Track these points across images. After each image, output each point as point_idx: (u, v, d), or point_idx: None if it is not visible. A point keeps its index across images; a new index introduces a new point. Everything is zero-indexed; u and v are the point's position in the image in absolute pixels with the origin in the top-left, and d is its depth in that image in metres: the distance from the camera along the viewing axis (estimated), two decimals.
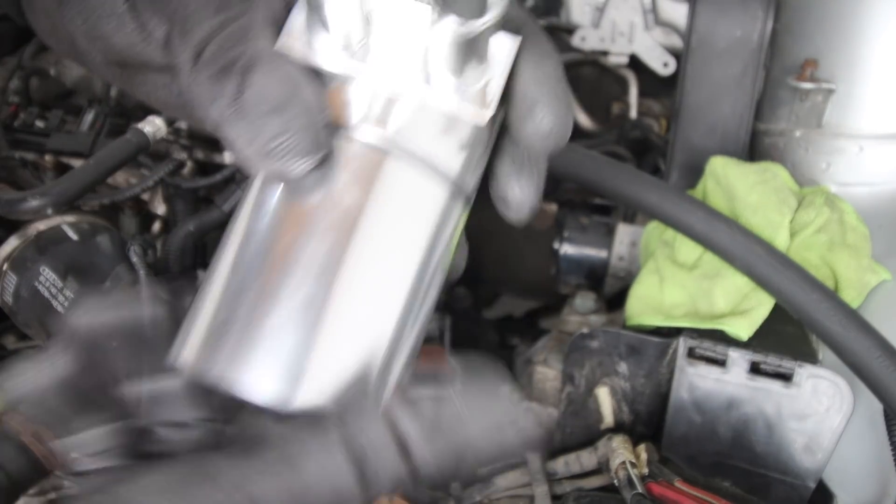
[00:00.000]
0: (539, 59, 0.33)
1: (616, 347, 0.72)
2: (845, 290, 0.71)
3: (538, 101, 0.33)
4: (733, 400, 0.67)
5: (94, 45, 0.36)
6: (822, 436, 0.65)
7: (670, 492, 0.62)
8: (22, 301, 0.70)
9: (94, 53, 0.37)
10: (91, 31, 0.36)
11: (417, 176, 0.33)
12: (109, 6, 0.34)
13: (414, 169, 0.33)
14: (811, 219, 0.74)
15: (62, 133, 0.95)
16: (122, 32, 0.35)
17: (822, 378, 0.64)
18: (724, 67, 0.88)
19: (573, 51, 1.27)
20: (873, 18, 0.79)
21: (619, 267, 0.96)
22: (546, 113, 0.33)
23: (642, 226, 0.92)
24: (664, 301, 0.74)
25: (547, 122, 0.33)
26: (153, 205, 0.95)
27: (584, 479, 0.71)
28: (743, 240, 0.69)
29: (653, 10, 1.18)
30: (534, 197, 0.37)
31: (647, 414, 0.73)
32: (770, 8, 0.85)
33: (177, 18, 0.32)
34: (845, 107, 0.82)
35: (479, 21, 0.30)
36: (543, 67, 0.33)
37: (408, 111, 0.33)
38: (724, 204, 0.79)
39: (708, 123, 0.90)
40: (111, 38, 0.35)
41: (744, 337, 0.68)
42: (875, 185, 0.82)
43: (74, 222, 0.74)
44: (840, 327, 0.63)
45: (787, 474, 0.68)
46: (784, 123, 0.87)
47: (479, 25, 0.30)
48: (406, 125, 0.33)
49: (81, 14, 0.35)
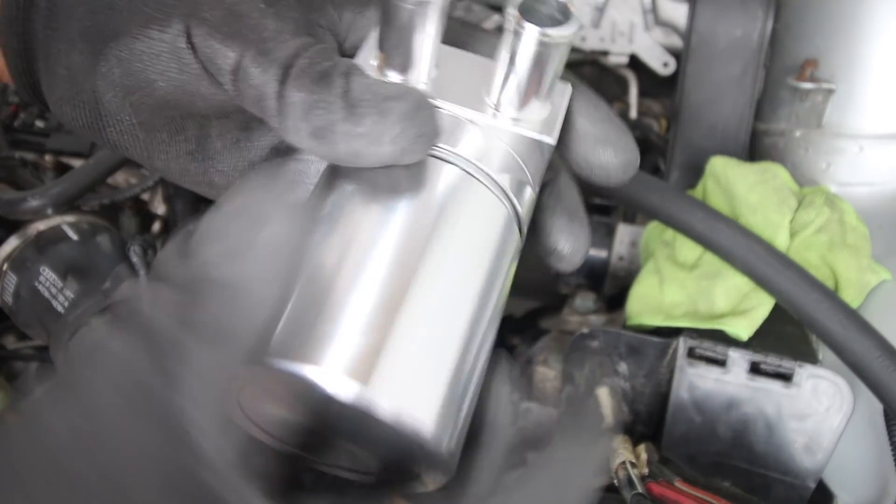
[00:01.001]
0: (596, 101, 0.36)
1: (616, 347, 0.72)
2: (845, 290, 0.71)
3: (607, 138, 0.35)
4: (733, 400, 0.67)
5: (128, 99, 0.34)
6: (822, 436, 0.65)
7: (670, 492, 0.62)
8: (22, 301, 0.70)
9: (124, 113, 0.34)
10: (130, 81, 0.33)
11: (491, 197, 0.34)
12: (167, 44, 0.32)
13: (488, 190, 0.34)
14: (811, 219, 0.74)
15: (62, 133, 0.95)
16: (174, 72, 0.32)
17: (822, 378, 0.64)
18: (724, 67, 0.88)
19: (573, 51, 1.27)
20: (873, 18, 0.79)
21: (619, 267, 0.96)
22: (618, 148, 0.35)
23: (642, 226, 0.92)
24: (664, 301, 0.74)
25: (621, 156, 0.35)
26: (153, 205, 0.95)
27: None
28: (743, 240, 0.69)
29: (653, 10, 1.18)
30: (587, 245, 0.38)
31: (647, 414, 0.73)
32: (770, 8, 0.85)
33: (251, 41, 0.31)
34: (845, 107, 0.82)
35: (559, 31, 0.31)
36: (602, 108, 0.36)
37: (475, 135, 0.34)
38: (724, 204, 0.79)
39: (708, 123, 0.90)
40: (158, 83, 0.33)
41: (744, 337, 0.68)
42: (875, 185, 0.82)
43: (74, 222, 0.74)
44: (840, 327, 0.63)
45: (787, 474, 0.68)
46: (784, 123, 0.87)
47: (559, 35, 0.31)
48: (477, 148, 0.34)
49: (123, 63, 0.32)
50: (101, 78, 0.33)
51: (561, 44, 0.32)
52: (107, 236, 0.74)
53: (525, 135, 0.34)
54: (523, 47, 0.32)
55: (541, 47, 0.31)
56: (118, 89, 0.33)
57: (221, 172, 0.38)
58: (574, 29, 0.32)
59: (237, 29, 0.31)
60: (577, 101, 0.36)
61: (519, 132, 0.34)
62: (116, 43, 0.32)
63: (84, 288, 0.68)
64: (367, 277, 0.30)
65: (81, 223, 0.74)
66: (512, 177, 0.35)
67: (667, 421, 0.70)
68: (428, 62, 0.33)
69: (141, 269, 0.66)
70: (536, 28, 0.31)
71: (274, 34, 0.31)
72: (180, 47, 0.32)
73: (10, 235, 0.73)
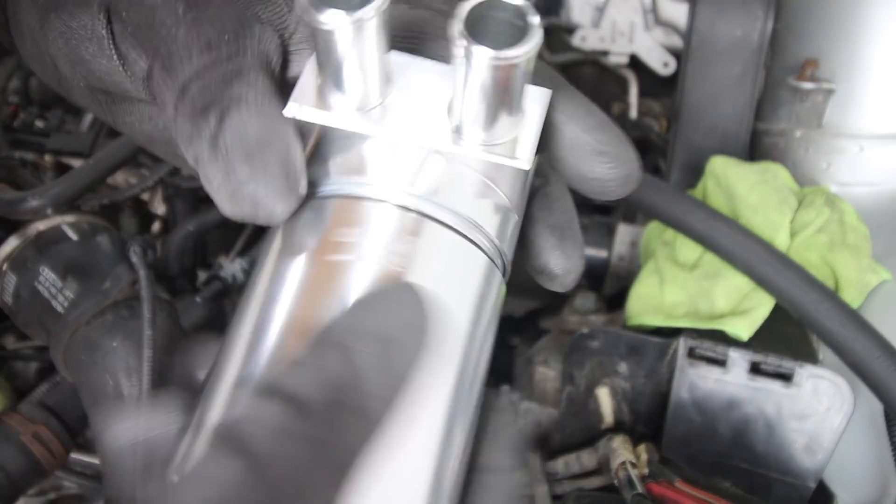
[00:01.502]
0: (588, 106, 0.32)
1: (616, 347, 0.72)
2: (845, 290, 0.71)
3: (603, 148, 0.31)
4: (733, 400, 0.67)
5: (76, 69, 0.34)
6: (823, 436, 0.65)
7: (670, 492, 0.62)
8: (22, 301, 0.70)
9: (77, 79, 0.35)
10: (72, 54, 0.33)
11: (453, 239, 0.29)
12: (90, 30, 0.32)
13: (449, 231, 0.29)
14: (811, 219, 0.74)
15: (62, 133, 0.95)
16: (101, 59, 0.32)
17: (822, 378, 0.64)
18: (724, 67, 0.88)
19: (573, 51, 1.27)
20: (873, 18, 0.79)
21: (619, 267, 0.96)
22: (616, 159, 0.31)
23: (642, 226, 0.92)
24: (664, 301, 0.74)
25: (619, 168, 0.31)
26: (153, 205, 0.95)
27: (584, 480, 0.71)
28: (743, 240, 0.69)
29: (653, 10, 1.18)
30: (580, 265, 0.34)
31: (647, 414, 0.73)
32: (770, 8, 0.85)
33: (160, 54, 0.30)
34: (845, 107, 0.82)
35: (514, 51, 0.26)
36: (596, 114, 0.32)
37: (436, 167, 0.29)
38: (724, 204, 0.79)
39: (708, 123, 0.90)
40: (91, 64, 0.33)
41: (744, 337, 0.68)
42: (875, 185, 0.82)
43: (74, 222, 0.74)
44: (840, 327, 0.63)
45: (787, 474, 0.68)
46: (784, 123, 0.87)
47: (514, 56, 0.26)
48: (435, 183, 0.29)
49: (63, 35, 0.33)
50: (50, 45, 0.34)
51: (520, 63, 0.27)
52: (107, 236, 0.74)
53: (493, 161, 0.29)
54: (475, 72, 0.27)
55: (497, 71, 0.27)
56: (66, 59, 0.34)
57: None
58: (533, 43, 0.26)
59: (149, 36, 0.30)
60: (566, 106, 0.32)
61: (486, 158, 0.29)
62: (56, 14, 0.33)
63: (84, 288, 0.68)
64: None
65: (81, 223, 0.74)
66: (488, 209, 0.30)
67: (667, 421, 0.70)
68: (373, 82, 0.29)
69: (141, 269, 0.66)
70: (488, 51, 0.26)
71: (182, 47, 0.30)
72: (102, 35, 0.32)
73: (10, 235, 0.73)
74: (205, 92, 0.29)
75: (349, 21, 0.26)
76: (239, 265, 0.85)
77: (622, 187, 0.32)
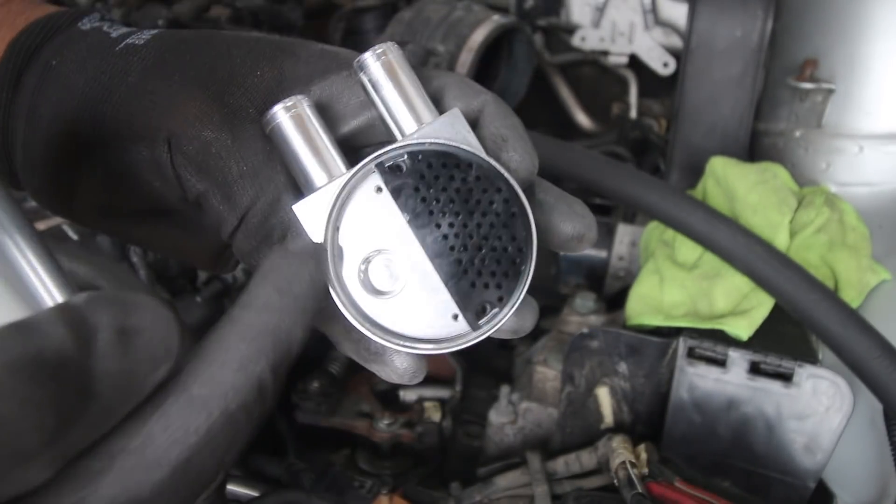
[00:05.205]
0: (506, 112, 0.38)
1: (616, 347, 0.72)
2: (845, 290, 0.71)
3: (508, 139, 0.37)
4: (733, 400, 0.67)
5: (113, 197, 0.39)
6: (822, 436, 0.65)
7: (670, 492, 0.62)
8: None
9: (108, 202, 0.40)
10: (115, 181, 0.38)
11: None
12: (149, 160, 0.37)
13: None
14: (811, 219, 0.74)
15: None
16: (155, 182, 0.37)
17: (822, 378, 0.64)
18: (724, 67, 0.88)
19: (573, 51, 1.27)
20: (873, 18, 0.79)
21: (619, 267, 0.96)
22: (516, 146, 0.37)
23: (642, 226, 0.92)
24: (664, 301, 0.74)
25: (516, 154, 0.37)
26: None
27: (584, 479, 0.71)
28: (743, 240, 0.69)
29: (653, 10, 1.18)
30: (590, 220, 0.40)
31: (647, 414, 0.73)
32: (770, 8, 0.85)
33: (217, 182, 0.36)
34: (845, 107, 0.82)
35: (381, 45, 0.35)
36: (510, 118, 0.37)
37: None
38: (724, 204, 0.79)
39: (708, 123, 0.90)
40: (143, 186, 0.38)
41: (744, 337, 0.68)
42: (875, 185, 0.82)
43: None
44: (840, 327, 0.63)
45: (787, 474, 0.68)
46: (784, 123, 0.87)
47: (384, 47, 0.36)
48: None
49: (110, 166, 0.38)
50: (87, 176, 0.39)
51: (389, 50, 0.37)
52: (107, 236, 0.74)
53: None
54: (374, 75, 0.37)
55: (382, 58, 0.36)
56: (103, 188, 0.39)
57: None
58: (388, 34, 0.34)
59: (205, 166, 0.36)
60: (491, 113, 0.38)
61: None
62: (103, 150, 0.38)
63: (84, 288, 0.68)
64: None
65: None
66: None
67: (667, 421, 0.70)
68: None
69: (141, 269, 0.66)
70: (369, 53, 0.36)
71: (236, 178, 0.36)
72: (164, 163, 0.37)
73: None
74: (263, 224, 0.36)
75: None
76: (239, 265, 0.85)
77: (520, 172, 0.37)
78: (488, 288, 0.36)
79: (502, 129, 0.37)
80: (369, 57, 0.36)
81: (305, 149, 0.36)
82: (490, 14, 1.15)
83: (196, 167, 0.36)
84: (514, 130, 0.37)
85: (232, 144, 0.36)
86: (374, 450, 0.88)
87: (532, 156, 0.37)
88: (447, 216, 0.36)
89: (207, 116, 0.36)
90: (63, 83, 0.38)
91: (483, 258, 0.36)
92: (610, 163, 0.76)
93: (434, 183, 0.36)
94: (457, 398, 0.90)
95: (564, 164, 0.75)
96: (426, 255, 0.36)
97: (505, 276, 0.37)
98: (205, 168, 0.36)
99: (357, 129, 0.38)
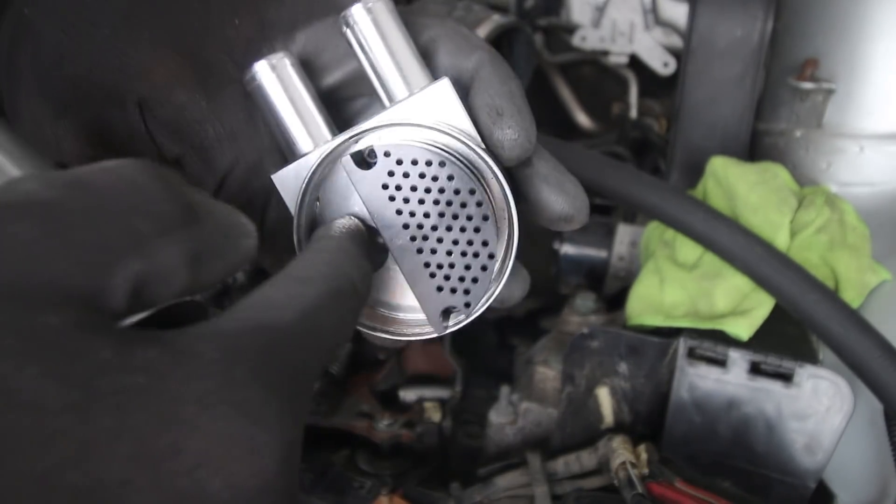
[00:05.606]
0: (503, 76, 0.35)
1: (616, 347, 0.72)
2: (845, 290, 0.71)
3: (503, 113, 0.34)
4: (733, 400, 0.67)
5: (96, 151, 0.37)
6: (823, 436, 0.65)
7: (670, 492, 0.62)
8: None
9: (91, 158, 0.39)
10: (95, 138, 0.36)
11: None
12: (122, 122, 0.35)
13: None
14: (811, 219, 0.74)
15: None
16: (135, 144, 0.36)
17: (822, 378, 0.64)
18: (724, 67, 0.88)
19: (573, 51, 1.27)
20: (873, 18, 0.79)
21: (619, 267, 0.96)
22: (511, 122, 0.34)
23: (642, 226, 0.92)
24: (664, 301, 0.74)
25: (511, 132, 0.34)
26: None
27: (584, 479, 0.71)
28: (743, 240, 0.69)
29: (653, 10, 1.18)
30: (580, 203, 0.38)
31: (647, 414, 0.73)
32: (770, 8, 0.85)
33: (194, 146, 0.35)
34: (845, 107, 0.82)
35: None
36: (507, 83, 0.35)
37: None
38: (724, 204, 0.79)
39: (708, 123, 0.90)
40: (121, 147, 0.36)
41: (744, 337, 0.67)
42: (875, 185, 0.82)
43: None
44: (840, 327, 0.63)
45: (787, 474, 0.68)
46: (784, 123, 0.87)
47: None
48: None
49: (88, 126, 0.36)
50: (64, 133, 0.37)
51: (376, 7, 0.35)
52: None
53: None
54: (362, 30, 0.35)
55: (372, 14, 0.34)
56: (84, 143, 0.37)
57: None
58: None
59: (180, 130, 0.35)
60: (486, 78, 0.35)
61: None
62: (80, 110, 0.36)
63: None
64: None
65: None
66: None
67: (667, 421, 0.70)
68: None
69: None
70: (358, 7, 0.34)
71: (213, 142, 0.35)
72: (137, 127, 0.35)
73: None
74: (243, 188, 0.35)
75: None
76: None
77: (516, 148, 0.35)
78: (455, 293, 0.35)
79: (497, 99, 0.34)
80: (357, 11, 0.34)
81: (290, 111, 0.34)
82: (490, 14, 1.15)
83: (170, 131, 0.34)
84: (511, 100, 0.34)
85: (207, 106, 0.34)
86: (374, 450, 0.88)
87: (528, 131, 0.35)
88: (416, 216, 0.34)
89: (179, 79, 0.34)
90: (36, 37, 0.36)
91: (452, 263, 0.35)
92: (610, 163, 0.76)
93: (403, 181, 0.34)
94: (457, 398, 0.90)
95: (564, 164, 0.75)
96: (392, 256, 0.35)
97: (473, 281, 0.35)
98: (179, 132, 0.34)
99: (343, 80, 0.36)
